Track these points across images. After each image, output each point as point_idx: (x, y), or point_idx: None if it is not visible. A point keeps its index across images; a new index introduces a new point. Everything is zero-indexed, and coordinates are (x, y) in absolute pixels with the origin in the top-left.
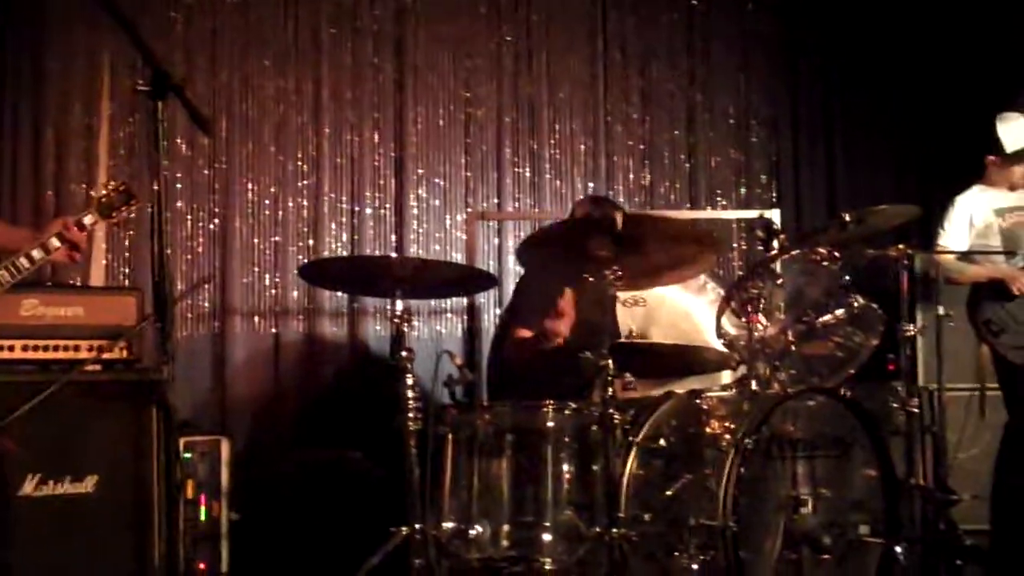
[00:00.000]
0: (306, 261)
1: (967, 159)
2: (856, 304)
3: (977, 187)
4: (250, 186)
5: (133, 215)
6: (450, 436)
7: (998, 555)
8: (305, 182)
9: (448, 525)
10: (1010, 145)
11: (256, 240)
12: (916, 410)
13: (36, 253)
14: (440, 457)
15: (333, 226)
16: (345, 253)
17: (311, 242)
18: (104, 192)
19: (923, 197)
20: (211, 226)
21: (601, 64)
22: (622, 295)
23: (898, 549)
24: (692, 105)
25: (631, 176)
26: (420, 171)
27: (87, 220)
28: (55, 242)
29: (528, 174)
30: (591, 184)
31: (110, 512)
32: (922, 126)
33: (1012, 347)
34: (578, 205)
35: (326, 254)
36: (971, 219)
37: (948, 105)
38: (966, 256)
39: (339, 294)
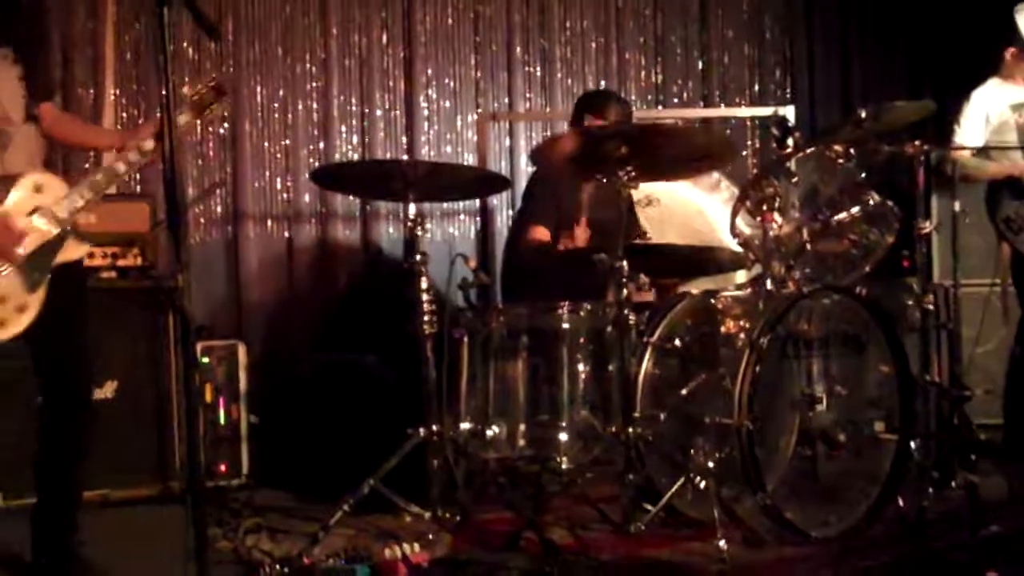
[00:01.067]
0: (317, 164)
1: (983, 53)
2: (871, 201)
3: (993, 82)
4: (259, 89)
5: (225, 112)
6: (465, 339)
7: (1011, 449)
8: (314, 84)
9: (465, 426)
10: None
11: (266, 144)
12: (931, 307)
13: (132, 156)
14: (456, 360)
15: (343, 128)
16: (356, 156)
17: (322, 145)
18: (196, 89)
19: (938, 92)
20: (220, 130)
21: None
22: (635, 196)
23: (912, 445)
24: (704, 1)
25: (643, 74)
26: (430, 72)
27: (181, 120)
28: (150, 143)
29: (539, 73)
30: (603, 82)
31: (130, 417)
32: (937, 19)
33: None
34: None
35: (337, 157)
36: (987, 115)
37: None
38: (983, 152)
39: (351, 197)
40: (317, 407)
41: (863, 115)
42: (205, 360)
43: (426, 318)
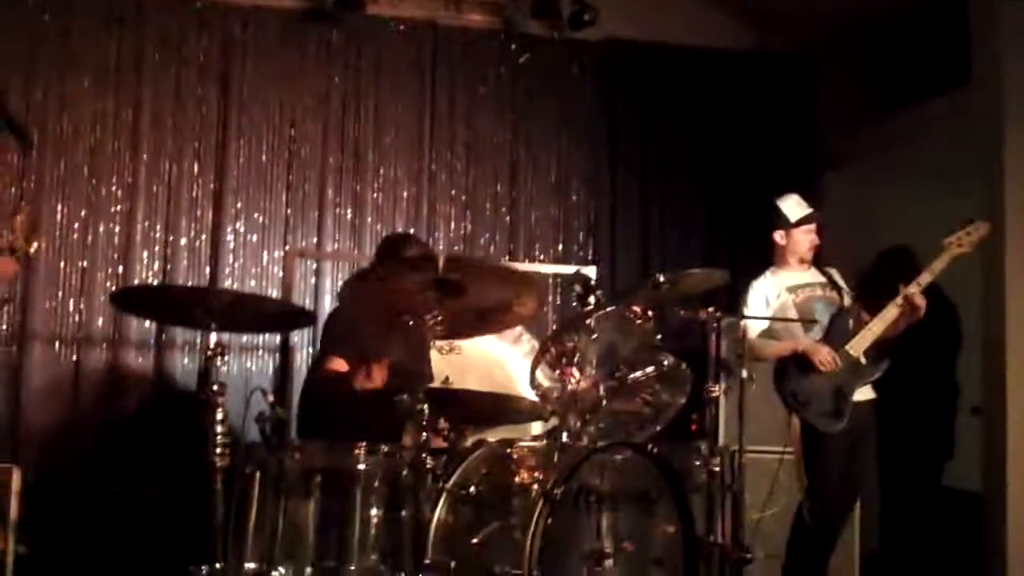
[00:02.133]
0: (115, 288)
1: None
2: (666, 363)
3: (769, 271)
4: (60, 208)
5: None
6: (257, 474)
7: None
8: (118, 207)
9: (249, 567)
10: (792, 216)
11: (62, 264)
12: (717, 469)
13: None
14: (246, 496)
15: (145, 254)
16: (156, 282)
17: (121, 269)
18: (23, 218)
19: (733, 262)
20: None
21: (428, 113)
22: (438, 342)
23: None
24: (515, 160)
25: (452, 224)
26: (239, 205)
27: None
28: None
29: (349, 216)
30: (412, 228)
31: None
32: (732, 197)
33: (818, 416)
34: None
35: (136, 282)
36: (767, 299)
37: (755, 184)
38: (767, 334)
39: (147, 324)
40: (94, 539)
41: (660, 279)
42: None
43: (218, 451)
